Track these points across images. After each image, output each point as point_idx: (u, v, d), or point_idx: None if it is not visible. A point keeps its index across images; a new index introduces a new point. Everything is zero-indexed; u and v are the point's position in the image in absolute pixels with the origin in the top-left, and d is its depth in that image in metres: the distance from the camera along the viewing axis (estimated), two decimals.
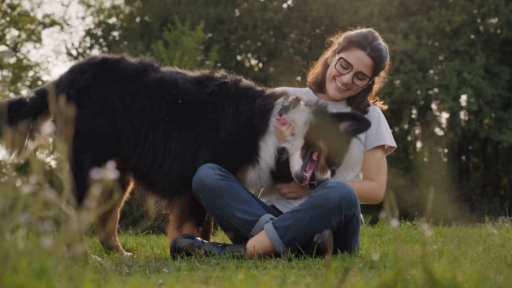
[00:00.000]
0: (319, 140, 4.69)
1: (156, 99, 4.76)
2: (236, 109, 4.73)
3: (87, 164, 4.60)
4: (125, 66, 4.85)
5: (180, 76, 4.88)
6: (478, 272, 2.76)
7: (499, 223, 7.65)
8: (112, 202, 2.29)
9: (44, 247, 2.21)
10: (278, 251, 4.42)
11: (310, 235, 4.46)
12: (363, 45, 5.01)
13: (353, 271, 3.52)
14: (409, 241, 5.81)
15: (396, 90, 26.99)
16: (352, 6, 28.76)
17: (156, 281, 3.24)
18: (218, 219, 4.72)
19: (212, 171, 4.56)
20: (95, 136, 4.67)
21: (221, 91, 4.79)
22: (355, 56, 5.01)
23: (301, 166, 4.63)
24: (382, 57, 5.08)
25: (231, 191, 4.58)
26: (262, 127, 4.72)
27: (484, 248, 4.86)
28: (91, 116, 4.67)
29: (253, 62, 34.00)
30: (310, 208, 4.46)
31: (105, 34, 33.07)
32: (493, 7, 26.88)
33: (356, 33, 5.13)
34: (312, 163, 4.68)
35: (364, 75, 5.04)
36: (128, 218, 21.50)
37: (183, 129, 4.72)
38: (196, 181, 4.59)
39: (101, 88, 4.73)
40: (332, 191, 4.47)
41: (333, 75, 5.06)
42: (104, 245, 5.16)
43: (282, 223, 4.45)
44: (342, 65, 5.02)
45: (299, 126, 4.72)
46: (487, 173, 29.66)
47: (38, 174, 2.31)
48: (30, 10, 30.77)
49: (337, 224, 4.51)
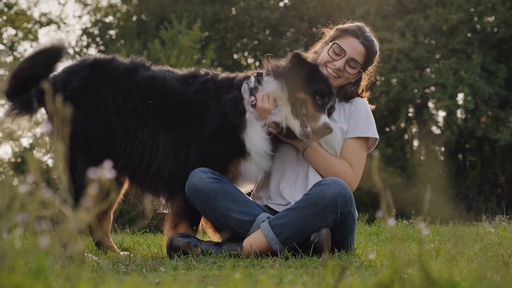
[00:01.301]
0: (298, 94, 4.70)
1: (145, 97, 4.80)
2: (217, 102, 4.80)
3: (81, 164, 4.63)
4: (116, 65, 4.91)
5: (169, 75, 4.94)
6: (475, 271, 2.77)
7: (496, 221, 7.67)
8: (109, 202, 2.29)
9: (41, 247, 2.21)
10: (274, 249, 4.43)
11: (306, 233, 4.47)
12: (357, 33, 5.10)
13: (350, 270, 3.52)
14: (406, 240, 5.81)
15: (393, 88, 26.99)
16: (348, 5, 28.75)
17: (153, 280, 3.25)
18: (214, 222, 4.75)
19: (205, 174, 4.58)
20: (89, 137, 4.70)
21: (203, 89, 4.86)
22: (349, 43, 5.08)
23: (299, 125, 4.66)
24: (374, 47, 5.18)
25: (226, 193, 4.59)
26: (239, 121, 4.78)
27: (481, 247, 4.87)
28: (85, 117, 4.70)
29: (249, 61, 33.97)
30: (305, 206, 4.48)
31: (102, 33, 33.01)
32: (490, 6, 26.86)
33: (349, 24, 5.22)
34: (305, 115, 4.69)
35: (356, 63, 5.08)
36: (125, 217, 21.49)
37: (170, 129, 4.77)
38: (190, 186, 4.61)
39: (94, 88, 4.78)
40: (327, 189, 4.49)
41: (325, 61, 5.07)
42: (98, 246, 5.17)
43: (278, 221, 4.47)
44: (334, 51, 5.06)
45: (278, 94, 4.77)
46: (484, 172, 29.66)
47: (35, 173, 2.31)
48: (26, 9, 30.73)
49: (333, 222, 4.52)
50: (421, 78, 27.22)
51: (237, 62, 32.81)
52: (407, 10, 28.54)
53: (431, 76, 27.61)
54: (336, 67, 5.04)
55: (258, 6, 30.91)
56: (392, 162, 27.25)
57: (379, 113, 27.68)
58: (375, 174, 2.58)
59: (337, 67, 5.03)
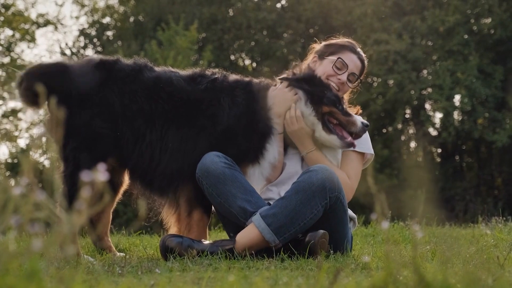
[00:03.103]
0: (322, 108, 4.92)
1: (153, 97, 4.81)
2: (232, 101, 4.84)
3: (83, 164, 4.63)
4: (121, 67, 4.90)
5: (174, 75, 4.95)
6: (471, 273, 2.77)
7: (493, 223, 7.67)
8: (102, 204, 2.28)
9: (34, 249, 2.20)
10: (267, 240, 4.43)
11: (298, 220, 4.47)
12: (354, 49, 5.29)
13: (345, 272, 3.52)
14: (402, 242, 5.81)
15: (390, 90, 27.05)
16: (346, 6, 28.78)
17: (148, 282, 3.24)
18: (218, 207, 4.74)
19: (218, 158, 4.63)
20: (93, 136, 4.70)
21: (214, 87, 4.89)
22: (350, 58, 5.23)
23: (337, 138, 4.90)
24: (365, 62, 5.39)
25: (235, 179, 4.63)
26: (265, 130, 4.90)
27: (477, 249, 4.87)
28: (90, 117, 4.70)
29: (246, 62, 33.99)
30: (294, 193, 4.51)
31: (99, 33, 33.03)
32: (486, 7, 26.92)
33: (341, 39, 5.42)
34: (337, 126, 4.93)
35: (355, 77, 5.25)
36: (122, 217, 21.52)
37: (180, 126, 4.79)
38: (201, 167, 4.64)
39: (101, 89, 4.76)
40: (314, 174, 4.52)
41: (328, 75, 5.15)
42: (96, 246, 5.17)
43: (268, 212, 4.49)
44: (338, 66, 5.18)
45: (305, 112, 4.94)
46: (481, 173, 29.70)
47: (29, 175, 2.30)
48: (24, 10, 30.73)
49: (323, 208, 4.52)
50: (418, 80, 27.26)
51: (234, 63, 32.83)
52: (404, 12, 28.58)
53: (428, 77, 27.67)
54: (340, 81, 5.17)
55: (255, 7, 30.95)
56: (389, 163, 27.29)
57: (375, 114, 27.71)
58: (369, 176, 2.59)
59: (342, 81, 5.17)
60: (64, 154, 4.70)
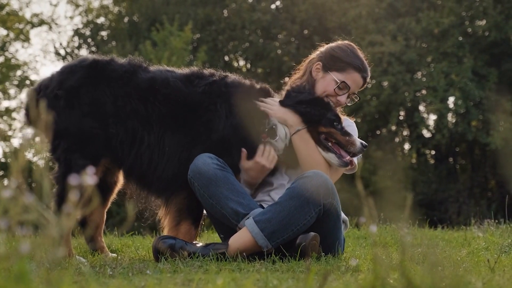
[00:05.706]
0: (318, 129, 4.85)
1: (149, 100, 4.77)
2: (229, 110, 4.78)
3: (75, 164, 4.62)
4: (115, 67, 4.85)
5: (171, 75, 4.90)
6: (460, 276, 2.77)
7: (485, 226, 7.68)
8: (92, 207, 2.28)
9: (22, 252, 2.20)
10: (260, 245, 4.42)
11: (291, 226, 4.46)
12: (360, 68, 5.13)
13: (335, 275, 3.52)
14: (393, 245, 5.81)
15: (384, 91, 27.05)
16: (340, 7, 28.79)
17: (139, 283, 3.24)
18: (210, 209, 4.72)
19: (210, 160, 4.62)
20: (84, 137, 4.68)
21: (212, 90, 4.83)
22: (353, 78, 5.10)
23: (335, 157, 4.83)
24: (368, 78, 5.25)
25: (227, 181, 4.61)
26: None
27: (468, 252, 4.89)
28: (80, 117, 4.68)
29: (241, 63, 34.04)
30: (288, 199, 4.50)
31: (93, 34, 33.03)
32: (481, 9, 26.95)
33: (349, 51, 5.20)
34: (334, 145, 4.87)
35: (355, 96, 5.20)
36: (115, 218, 21.50)
37: (176, 131, 4.76)
38: (193, 168, 4.62)
39: (92, 89, 4.74)
40: (309, 181, 4.51)
41: (328, 94, 5.08)
42: (89, 246, 5.16)
43: (262, 217, 4.48)
44: (340, 87, 5.07)
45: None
46: (475, 175, 29.76)
47: (18, 177, 2.30)
48: (18, 10, 30.72)
49: (317, 214, 4.52)
50: (412, 82, 27.27)
51: (229, 64, 32.85)
52: (399, 14, 28.60)
53: (422, 79, 27.69)
54: (340, 102, 5.10)
55: (250, 8, 30.97)
56: (383, 165, 27.29)
57: (369, 116, 27.74)
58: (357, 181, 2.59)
59: (341, 102, 5.11)
60: (56, 155, 4.70)
